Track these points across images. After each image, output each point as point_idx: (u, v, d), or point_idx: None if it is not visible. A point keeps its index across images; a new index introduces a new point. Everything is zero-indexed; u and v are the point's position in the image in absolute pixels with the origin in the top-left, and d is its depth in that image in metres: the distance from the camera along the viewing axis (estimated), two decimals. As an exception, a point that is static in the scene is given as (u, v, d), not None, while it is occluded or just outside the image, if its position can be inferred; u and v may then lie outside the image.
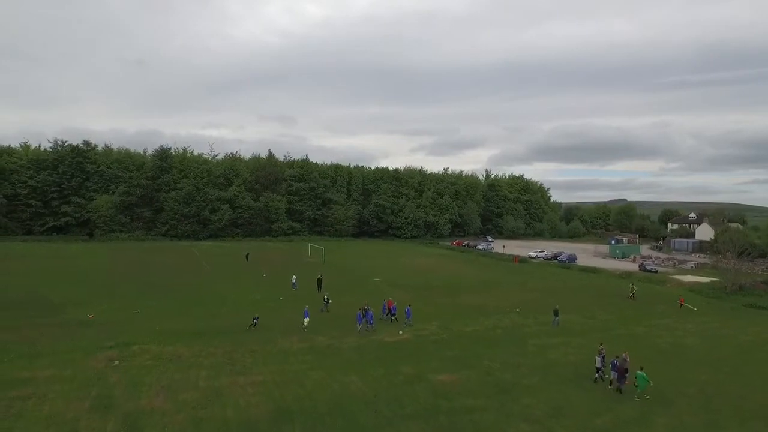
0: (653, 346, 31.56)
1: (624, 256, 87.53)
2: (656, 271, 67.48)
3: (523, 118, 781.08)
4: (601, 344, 27.09)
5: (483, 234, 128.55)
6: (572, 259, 78.42)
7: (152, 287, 47.27)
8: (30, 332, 30.41)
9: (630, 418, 20.73)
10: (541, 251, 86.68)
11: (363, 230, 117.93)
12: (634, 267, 72.88)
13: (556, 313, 36.76)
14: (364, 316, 32.99)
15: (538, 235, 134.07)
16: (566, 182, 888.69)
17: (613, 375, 24.01)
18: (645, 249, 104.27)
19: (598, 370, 24.97)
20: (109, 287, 46.70)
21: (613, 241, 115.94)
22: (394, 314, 36.22)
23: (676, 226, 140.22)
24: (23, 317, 34.31)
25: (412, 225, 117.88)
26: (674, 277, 63.09)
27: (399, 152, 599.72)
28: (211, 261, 68.04)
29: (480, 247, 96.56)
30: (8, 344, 27.59)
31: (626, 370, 23.58)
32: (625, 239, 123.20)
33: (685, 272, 68.81)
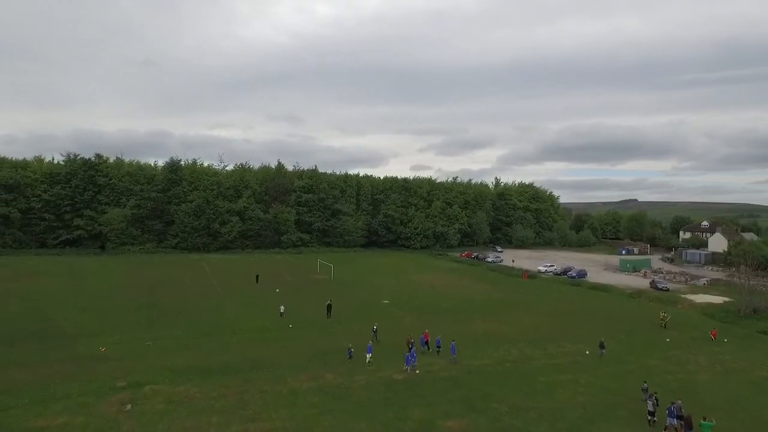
0: (664, 384, 31.06)
1: (634, 270, 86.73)
2: (668, 289, 66.67)
3: (533, 117, 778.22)
4: (645, 383, 26.98)
5: (492, 244, 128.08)
6: (582, 275, 77.83)
7: (163, 314, 47.80)
8: (44, 369, 30.96)
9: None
10: (550, 265, 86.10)
11: (372, 240, 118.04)
12: (644, 283, 72.15)
13: (601, 346, 37.15)
14: (409, 351, 33.10)
15: (547, 244, 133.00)
16: (576, 182, 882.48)
17: (669, 421, 24.05)
18: (656, 260, 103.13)
19: (651, 413, 25.04)
20: (120, 313, 47.31)
21: (623, 252, 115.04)
22: (439, 347, 36.29)
23: (688, 235, 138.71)
24: (37, 351, 35.04)
25: (421, 235, 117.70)
26: (686, 296, 62.35)
27: (408, 152, 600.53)
28: (221, 279, 68.50)
29: (489, 260, 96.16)
30: (23, 385, 28.09)
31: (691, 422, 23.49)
32: (635, 249, 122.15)
33: (698, 290, 67.95)
